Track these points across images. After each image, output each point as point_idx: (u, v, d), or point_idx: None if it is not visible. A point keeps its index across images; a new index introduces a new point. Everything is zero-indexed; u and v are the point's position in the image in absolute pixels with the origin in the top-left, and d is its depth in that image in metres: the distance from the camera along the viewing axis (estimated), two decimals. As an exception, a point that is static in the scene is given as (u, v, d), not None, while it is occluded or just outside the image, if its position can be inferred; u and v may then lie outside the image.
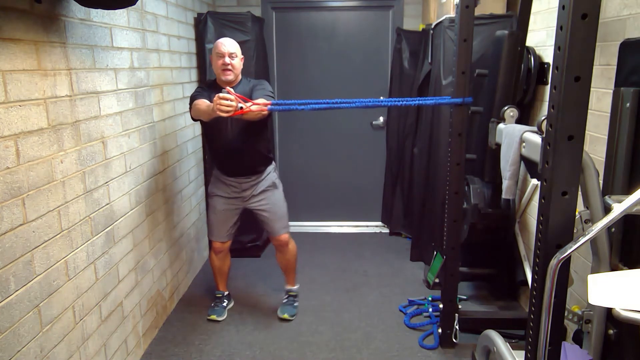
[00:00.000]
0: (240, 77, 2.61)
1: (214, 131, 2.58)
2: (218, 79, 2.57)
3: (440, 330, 2.50)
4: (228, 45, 2.51)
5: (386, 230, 4.21)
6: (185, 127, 3.14)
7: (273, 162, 2.80)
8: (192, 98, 2.48)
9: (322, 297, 3.01)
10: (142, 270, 2.45)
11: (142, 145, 2.46)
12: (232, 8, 3.93)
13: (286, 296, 2.93)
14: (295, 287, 2.96)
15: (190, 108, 2.48)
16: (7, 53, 1.46)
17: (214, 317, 2.80)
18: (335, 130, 4.17)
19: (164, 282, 2.77)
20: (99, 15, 2.01)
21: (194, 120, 2.54)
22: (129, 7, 2.26)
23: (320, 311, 2.88)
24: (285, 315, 2.81)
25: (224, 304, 2.90)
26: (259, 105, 2.14)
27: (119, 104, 2.20)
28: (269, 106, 2.15)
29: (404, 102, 2.23)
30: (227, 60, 2.49)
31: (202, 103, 2.35)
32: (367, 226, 4.31)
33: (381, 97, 4.00)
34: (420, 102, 2.38)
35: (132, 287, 2.33)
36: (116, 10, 2.16)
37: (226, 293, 2.95)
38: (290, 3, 3.99)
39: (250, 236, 3.64)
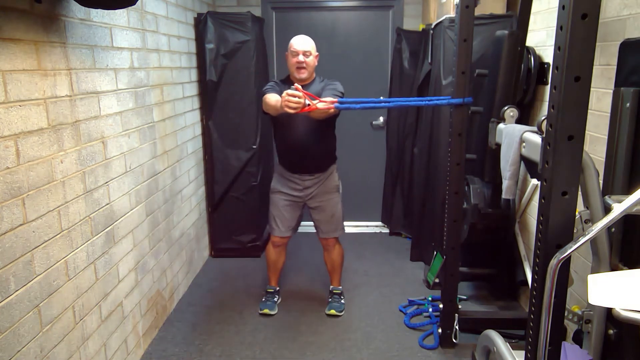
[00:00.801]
0: (314, 75, 2.63)
1: (283, 128, 2.60)
2: (292, 76, 2.60)
3: (440, 330, 2.50)
4: (303, 44, 2.53)
5: (386, 230, 4.21)
6: (185, 127, 3.14)
7: (336, 161, 2.81)
8: (263, 92, 2.49)
9: (322, 297, 3.01)
10: (142, 270, 2.45)
11: (142, 145, 2.46)
12: (232, 8, 3.93)
13: (330, 295, 2.95)
14: (339, 286, 2.98)
15: (261, 101, 2.49)
16: (7, 53, 1.47)
17: (266, 310, 2.81)
18: (335, 130, 4.16)
19: (164, 282, 2.76)
20: (99, 15, 2.01)
21: (264, 114, 2.55)
22: (129, 7, 2.26)
23: (320, 311, 2.88)
24: (332, 311, 2.82)
25: (275, 299, 2.93)
26: (325, 103, 2.15)
27: (119, 104, 2.20)
28: (336, 104, 2.16)
29: (425, 103, 2.36)
30: (302, 58, 2.52)
31: (272, 98, 2.36)
32: (367, 226, 4.31)
33: (381, 97, 3.99)
34: (431, 102, 2.38)
35: (132, 287, 2.33)
36: (116, 10, 2.16)
37: (277, 288, 2.97)
38: (290, 3, 3.99)
39: (250, 236, 3.64)
